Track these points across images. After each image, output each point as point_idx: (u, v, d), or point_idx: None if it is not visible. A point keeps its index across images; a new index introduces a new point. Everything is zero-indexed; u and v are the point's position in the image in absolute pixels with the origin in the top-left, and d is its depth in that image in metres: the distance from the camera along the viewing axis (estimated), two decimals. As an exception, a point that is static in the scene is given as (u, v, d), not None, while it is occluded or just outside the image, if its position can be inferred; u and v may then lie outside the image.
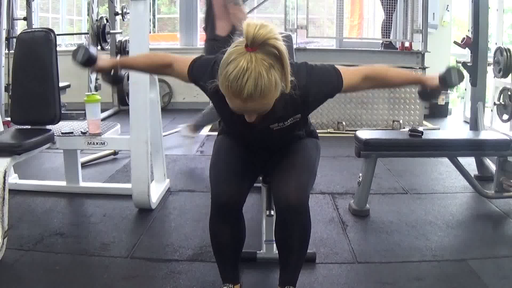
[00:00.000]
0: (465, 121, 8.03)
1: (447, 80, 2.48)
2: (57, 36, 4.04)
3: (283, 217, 2.49)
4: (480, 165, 4.95)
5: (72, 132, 4.07)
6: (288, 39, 4.08)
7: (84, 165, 5.24)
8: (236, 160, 2.59)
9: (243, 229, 2.64)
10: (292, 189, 2.40)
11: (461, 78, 2.49)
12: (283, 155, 2.56)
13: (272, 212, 3.04)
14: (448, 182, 4.96)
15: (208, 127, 7.30)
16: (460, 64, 5.31)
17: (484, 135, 4.51)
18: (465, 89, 8.24)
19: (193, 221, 3.90)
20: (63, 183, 4.58)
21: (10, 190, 3.41)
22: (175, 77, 2.60)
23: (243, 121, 2.19)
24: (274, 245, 3.05)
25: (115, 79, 2.71)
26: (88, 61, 2.58)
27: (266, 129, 2.34)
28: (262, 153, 2.64)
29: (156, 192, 4.32)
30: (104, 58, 2.66)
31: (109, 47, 8.45)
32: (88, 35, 8.12)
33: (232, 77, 1.93)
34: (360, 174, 4.05)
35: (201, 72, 2.40)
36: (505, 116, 5.61)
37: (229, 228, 2.56)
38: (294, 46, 5.21)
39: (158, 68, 2.67)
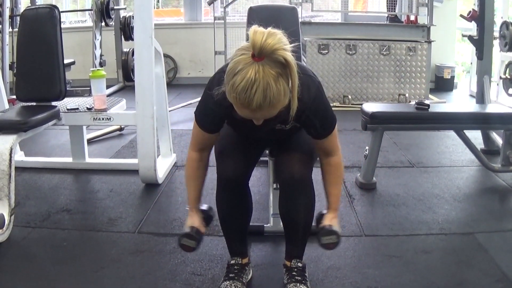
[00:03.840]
0: (471, 95, 8.00)
1: (319, 234, 2.43)
2: (61, 13, 4.01)
3: (287, 191, 2.49)
4: (487, 138, 4.93)
5: (77, 108, 4.07)
6: (293, 12, 4.06)
7: (90, 141, 5.24)
8: (240, 135, 2.58)
9: (250, 203, 2.65)
10: (295, 162, 2.41)
11: (326, 247, 2.45)
12: (289, 137, 2.55)
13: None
14: (454, 156, 4.95)
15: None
16: (464, 39, 5.28)
17: (491, 108, 4.49)
18: (471, 63, 8.19)
19: (200, 195, 3.90)
20: (69, 160, 4.59)
21: (16, 168, 3.40)
22: (213, 143, 2.52)
23: (248, 124, 2.16)
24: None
25: (209, 217, 2.62)
26: (199, 238, 2.50)
27: (269, 129, 2.32)
28: (265, 140, 2.64)
29: (162, 167, 4.33)
30: (192, 220, 2.53)
31: (113, 23, 8.41)
32: (92, 11, 8.08)
33: (240, 89, 1.88)
34: (367, 148, 4.04)
35: (206, 117, 2.37)
36: (511, 90, 5.59)
37: (236, 203, 2.57)
38: (299, 20, 5.20)
39: (202, 165, 2.54)
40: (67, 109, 4.03)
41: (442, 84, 8.94)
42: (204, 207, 2.61)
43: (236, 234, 2.67)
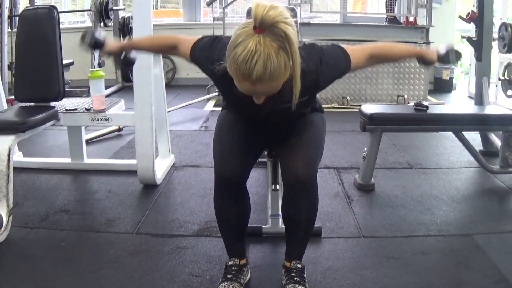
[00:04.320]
0: (470, 97, 8.00)
1: (445, 60, 2.56)
2: (60, 14, 4.01)
3: (291, 192, 2.48)
4: (485, 140, 4.93)
5: (76, 109, 4.07)
6: (292, 13, 4.07)
7: (89, 142, 5.24)
8: (239, 135, 2.57)
9: (248, 204, 2.64)
10: (301, 164, 2.40)
11: (458, 57, 2.56)
12: (290, 131, 2.54)
13: (278, 187, 3.05)
14: (453, 157, 4.95)
15: (212, 102, 7.31)
16: (463, 41, 5.29)
17: (490, 110, 4.49)
18: (470, 64, 8.19)
19: (198, 196, 3.90)
20: (67, 160, 4.58)
21: (14, 168, 3.41)
22: (181, 57, 2.57)
23: (250, 103, 2.17)
24: (280, 219, 3.08)
25: (127, 61, 2.70)
26: (96, 45, 2.59)
27: (272, 110, 2.32)
28: (267, 129, 2.62)
29: (161, 167, 4.32)
30: (112, 42, 2.64)
31: (112, 24, 8.41)
32: (90, 12, 8.08)
33: (240, 60, 1.89)
34: (365, 149, 4.04)
35: (203, 53, 2.38)
36: (510, 92, 5.59)
37: (234, 203, 2.56)
38: (298, 21, 5.18)
39: (164, 49, 2.68)
40: (66, 110, 4.03)
41: (441, 85, 8.94)
42: (132, 54, 2.72)
43: (234, 235, 2.66)
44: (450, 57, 2.53)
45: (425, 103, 4.08)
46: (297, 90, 2.07)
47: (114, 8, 8.33)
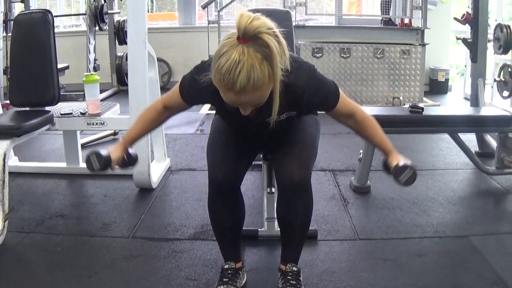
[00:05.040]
0: (465, 98, 8.02)
1: (395, 175, 2.44)
2: (54, 18, 4.01)
3: (286, 195, 2.48)
4: (481, 141, 4.94)
5: (71, 113, 4.06)
6: (287, 15, 4.04)
7: (84, 146, 5.23)
8: (233, 139, 2.57)
9: (242, 208, 2.65)
10: (295, 167, 2.40)
11: (408, 182, 2.43)
12: (284, 133, 2.54)
13: (273, 190, 3.04)
14: (449, 159, 4.95)
15: (208, 105, 7.30)
16: (459, 42, 5.30)
17: (485, 111, 4.49)
18: (465, 66, 8.21)
19: (194, 200, 3.90)
20: (63, 165, 4.58)
21: (10, 173, 3.41)
22: (180, 110, 2.52)
23: (239, 116, 2.16)
24: (276, 222, 3.07)
25: (131, 161, 2.63)
26: (106, 164, 2.50)
27: (261, 122, 2.31)
28: (260, 136, 2.62)
29: (156, 171, 4.32)
30: (114, 151, 2.53)
31: (107, 28, 8.40)
32: (86, 15, 8.08)
33: (224, 70, 1.89)
34: (361, 151, 4.04)
35: (191, 87, 2.34)
36: (506, 93, 5.60)
37: (228, 207, 2.56)
38: (293, 24, 5.18)
39: (159, 119, 2.57)
40: (61, 114, 4.03)
41: (437, 87, 8.95)
42: (132, 151, 2.59)
43: (229, 238, 2.66)
44: (402, 176, 2.42)
45: (421, 104, 4.09)
46: (275, 105, 2.07)
47: (109, 12, 8.33)
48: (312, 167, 2.51)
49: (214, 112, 2.71)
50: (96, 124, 4.03)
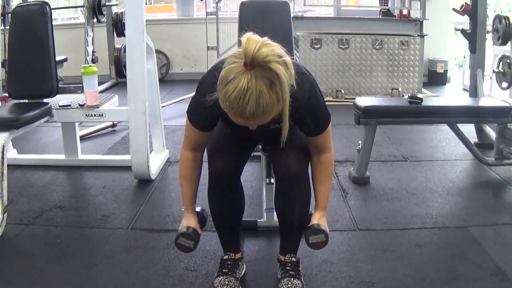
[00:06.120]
0: (464, 89, 8.02)
1: (307, 233, 2.47)
2: (52, 10, 4.00)
3: (283, 186, 2.49)
4: (480, 132, 4.94)
5: (69, 105, 4.06)
6: (285, 7, 4.03)
7: (83, 138, 5.23)
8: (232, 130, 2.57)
9: (242, 199, 2.64)
10: (292, 158, 2.40)
11: (315, 247, 2.49)
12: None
13: (272, 180, 3.04)
14: (448, 150, 4.95)
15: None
16: (457, 33, 5.29)
17: (484, 102, 4.49)
18: (464, 57, 8.20)
19: (193, 191, 3.89)
20: (62, 157, 4.57)
21: (9, 165, 3.41)
22: (206, 141, 2.48)
23: (241, 126, 2.14)
24: (275, 213, 3.06)
25: (204, 219, 2.63)
26: (197, 239, 2.49)
27: (263, 129, 2.30)
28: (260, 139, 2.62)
29: (155, 163, 4.32)
30: (189, 221, 2.52)
31: (105, 20, 8.39)
32: (84, 8, 8.06)
33: (233, 98, 1.85)
34: (360, 142, 4.04)
35: (196, 113, 2.33)
36: (504, 84, 5.60)
37: (227, 198, 2.56)
38: (292, 15, 5.17)
39: (197, 164, 2.52)
40: (59, 106, 4.02)
41: (435, 78, 8.95)
42: (198, 209, 2.60)
43: (229, 229, 2.66)
44: (312, 237, 2.46)
45: (420, 95, 4.08)
46: (285, 129, 2.05)
47: (107, 3, 8.31)
48: (309, 158, 2.50)
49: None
50: (95, 115, 4.02)
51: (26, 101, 3.97)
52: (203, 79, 2.25)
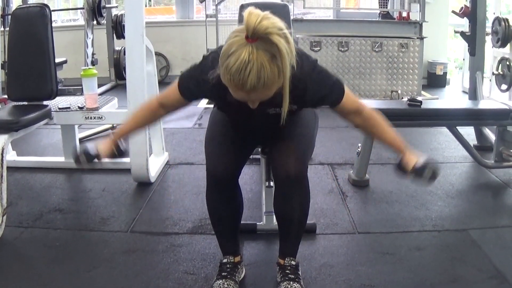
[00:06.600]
0: (464, 91, 8.01)
1: (418, 175, 2.40)
2: (52, 12, 4.00)
3: (282, 189, 2.48)
4: (479, 135, 4.94)
5: (69, 107, 4.05)
6: (284, 9, 4.03)
7: (82, 140, 5.22)
8: (231, 133, 2.56)
9: (240, 201, 2.64)
10: (291, 160, 2.39)
11: (433, 177, 2.39)
12: (281, 128, 2.53)
13: (272, 183, 3.04)
14: (447, 152, 4.95)
15: (206, 99, 7.30)
16: (457, 35, 5.29)
17: (483, 104, 4.49)
18: (463, 59, 8.20)
19: (193, 193, 3.90)
20: (61, 159, 4.57)
21: (8, 167, 3.40)
22: (177, 108, 2.50)
23: (241, 109, 2.15)
24: (274, 216, 3.06)
25: (119, 154, 2.64)
26: (93, 159, 2.51)
27: (263, 114, 2.30)
28: (258, 129, 2.61)
29: (154, 165, 4.31)
30: (103, 145, 2.51)
31: (105, 22, 8.39)
32: (83, 10, 8.06)
33: (234, 70, 1.86)
34: (359, 145, 4.04)
35: (190, 83, 2.34)
36: (504, 86, 5.60)
37: (226, 201, 2.56)
38: (291, 17, 5.16)
39: (153, 117, 2.56)
40: (59, 108, 4.02)
41: (435, 80, 8.95)
42: (121, 145, 2.58)
43: (228, 232, 2.66)
44: (425, 173, 2.38)
45: (419, 98, 4.09)
46: (285, 105, 2.05)
47: (107, 6, 8.30)
48: (308, 160, 2.50)
49: (212, 106, 2.70)
50: (94, 118, 4.02)
51: (26, 103, 3.97)
52: (207, 56, 2.30)
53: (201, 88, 2.28)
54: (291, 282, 2.52)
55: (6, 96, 4.21)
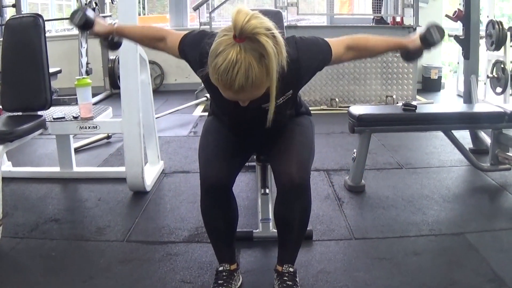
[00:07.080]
0: (459, 95, 8.03)
1: (429, 39, 2.47)
2: (46, 22, 4.00)
3: (285, 196, 2.45)
4: (475, 138, 4.95)
5: (64, 117, 4.04)
6: (278, 16, 4.02)
7: (78, 150, 5.21)
8: (224, 141, 2.56)
9: (235, 209, 2.63)
10: (295, 168, 2.38)
11: (441, 34, 2.48)
12: (279, 135, 2.52)
13: (267, 191, 3.04)
14: (443, 156, 4.95)
15: (201, 107, 7.30)
16: (451, 39, 5.31)
17: (478, 107, 4.49)
18: (458, 63, 8.22)
19: (188, 202, 3.89)
20: (56, 169, 4.56)
21: (4, 178, 3.40)
22: (167, 52, 2.53)
23: (234, 103, 2.15)
24: (270, 223, 3.07)
25: (112, 45, 2.67)
26: (85, 25, 2.55)
27: (258, 110, 2.29)
28: (255, 133, 2.60)
29: (150, 174, 4.31)
30: (102, 23, 2.60)
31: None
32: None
33: (221, 70, 1.86)
34: (355, 150, 4.03)
35: (190, 50, 2.35)
36: (499, 89, 5.62)
37: (220, 210, 2.55)
38: (285, 24, 5.16)
39: (152, 41, 2.58)
40: (53, 118, 4.01)
41: (430, 84, 8.97)
42: (116, 39, 2.69)
43: (223, 240, 2.65)
44: (433, 35, 2.46)
45: (414, 102, 4.09)
46: (272, 106, 2.07)
47: (101, 15, 8.30)
48: (311, 167, 2.49)
49: (207, 114, 2.70)
50: (89, 128, 4.02)
51: (20, 113, 3.95)
52: (210, 34, 2.25)
53: (197, 64, 2.26)
54: (289, 289, 2.52)
55: (0, 107, 4.21)
